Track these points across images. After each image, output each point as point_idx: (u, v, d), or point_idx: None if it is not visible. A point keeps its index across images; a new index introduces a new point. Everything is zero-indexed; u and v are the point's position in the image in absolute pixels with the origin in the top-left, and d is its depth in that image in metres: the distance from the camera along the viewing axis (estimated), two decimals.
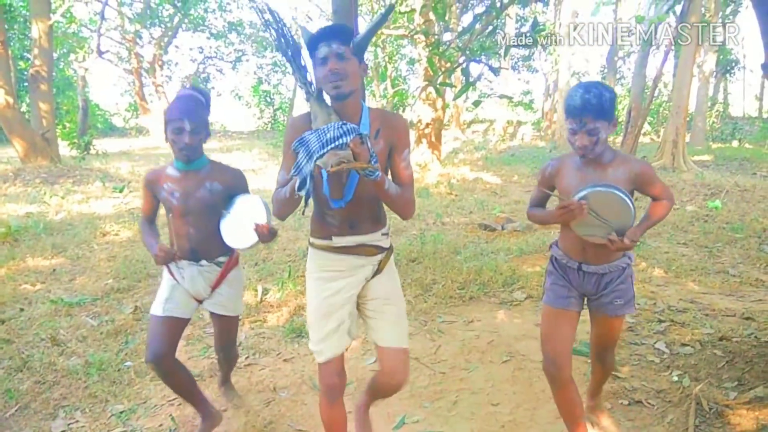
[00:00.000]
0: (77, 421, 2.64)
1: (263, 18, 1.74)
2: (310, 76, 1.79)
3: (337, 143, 1.52)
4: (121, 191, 7.77)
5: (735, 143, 17.64)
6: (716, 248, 5.51)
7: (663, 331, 3.49)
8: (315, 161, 1.54)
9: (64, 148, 13.79)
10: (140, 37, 21.48)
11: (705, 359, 3.03)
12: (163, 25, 21.67)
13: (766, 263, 4.95)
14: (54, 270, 4.91)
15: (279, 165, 1.95)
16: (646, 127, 18.82)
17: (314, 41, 1.71)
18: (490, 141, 20.11)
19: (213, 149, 16.16)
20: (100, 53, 18.46)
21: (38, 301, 4.17)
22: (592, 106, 1.80)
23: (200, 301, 2.34)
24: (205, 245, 2.25)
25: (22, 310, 4.00)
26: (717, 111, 23.26)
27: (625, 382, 2.86)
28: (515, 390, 2.83)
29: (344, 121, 1.60)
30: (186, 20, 21.31)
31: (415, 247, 5.39)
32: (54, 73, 12.91)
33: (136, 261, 5.06)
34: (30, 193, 8.83)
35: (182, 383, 2.28)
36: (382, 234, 1.93)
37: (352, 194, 1.79)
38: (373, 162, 1.58)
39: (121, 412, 2.70)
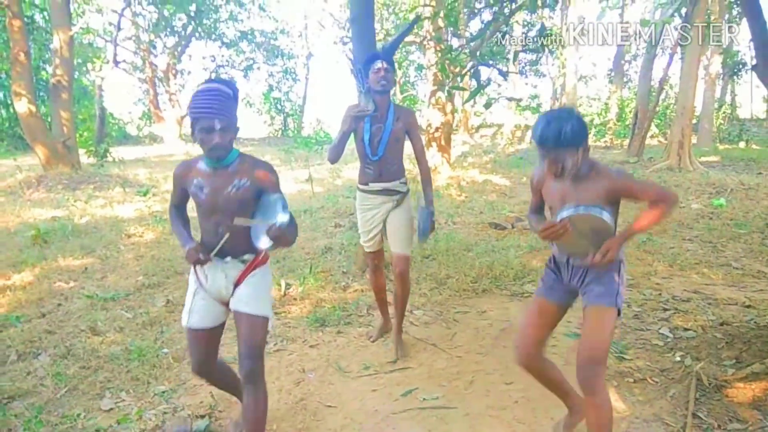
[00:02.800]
0: (123, 400, 2.87)
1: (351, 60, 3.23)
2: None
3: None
4: (145, 194, 8.07)
5: (742, 144, 17.67)
6: (720, 243, 5.68)
7: (667, 318, 3.68)
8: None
9: (82, 156, 14.12)
10: (154, 47, 21.92)
11: (706, 341, 3.22)
12: (176, 35, 22.09)
13: None
14: (86, 269, 5.17)
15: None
16: (654, 129, 18.90)
17: (375, 58, 3.07)
18: (498, 144, 20.28)
19: None
20: (116, 63, 18.88)
21: (74, 296, 4.42)
22: (549, 140, 1.88)
23: (227, 304, 2.24)
24: (231, 242, 2.12)
25: (59, 305, 4.26)
26: (724, 113, 23.28)
27: (630, 362, 3.06)
28: None
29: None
30: (199, 29, 21.72)
31: (429, 244, 5.59)
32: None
33: (164, 259, 5.31)
34: (54, 199, 9.13)
35: (226, 383, 2.46)
36: (401, 182, 3.16)
37: (383, 153, 3.05)
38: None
39: (164, 392, 2.93)
